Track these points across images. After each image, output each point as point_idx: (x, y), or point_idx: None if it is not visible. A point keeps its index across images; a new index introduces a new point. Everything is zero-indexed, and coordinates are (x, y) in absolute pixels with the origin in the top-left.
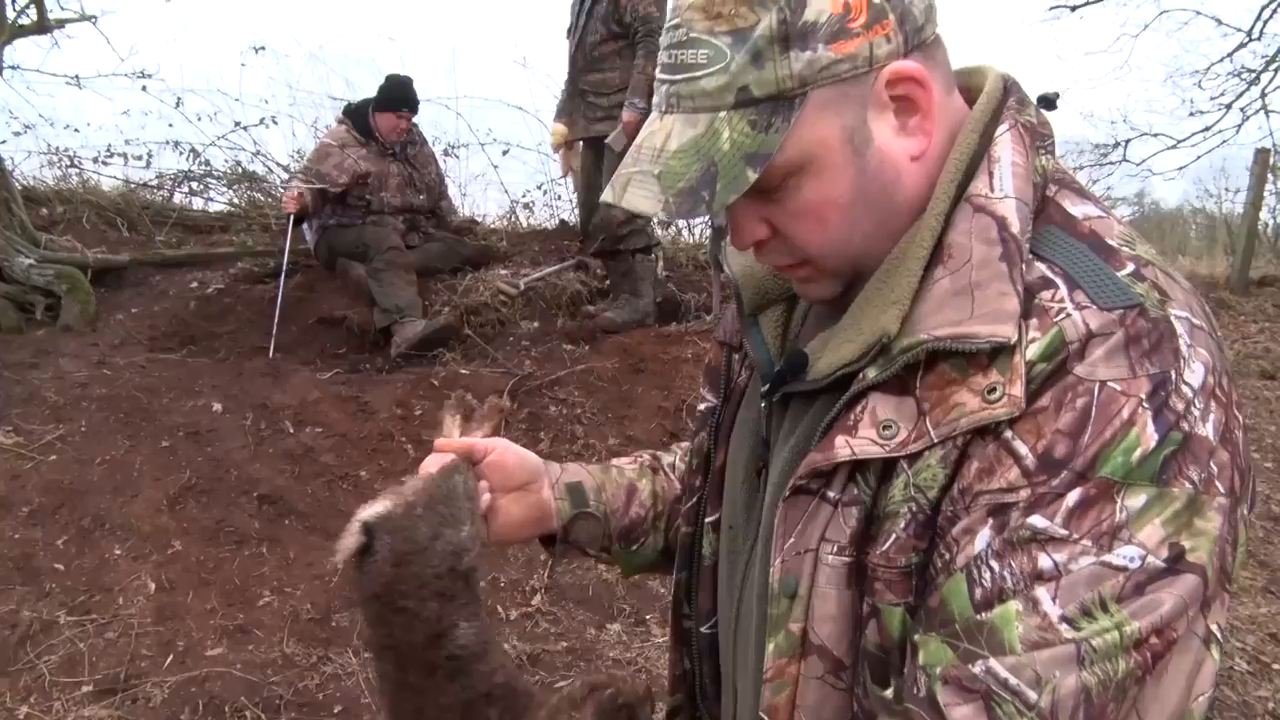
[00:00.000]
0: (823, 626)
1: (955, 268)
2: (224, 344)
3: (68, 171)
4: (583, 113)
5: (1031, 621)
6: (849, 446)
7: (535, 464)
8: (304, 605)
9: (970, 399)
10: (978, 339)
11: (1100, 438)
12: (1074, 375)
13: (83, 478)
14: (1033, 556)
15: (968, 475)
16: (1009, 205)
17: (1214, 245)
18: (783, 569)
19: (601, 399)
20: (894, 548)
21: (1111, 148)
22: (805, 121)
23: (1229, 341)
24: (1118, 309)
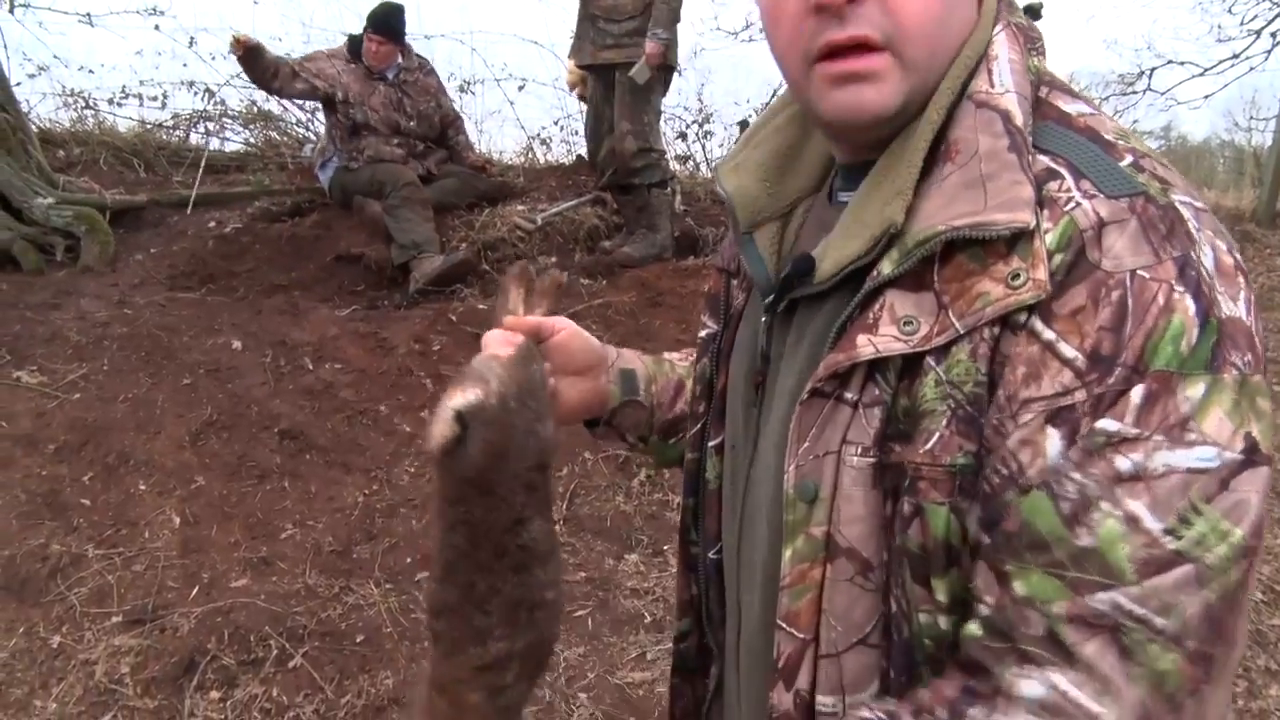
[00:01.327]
0: (850, 528)
1: (963, 162)
2: (242, 282)
3: (83, 113)
4: (591, 39)
5: (1137, 540)
6: (872, 344)
7: (598, 349)
8: (325, 538)
9: (994, 287)
10: (996, 225)
11: (1144, 328)
12: (1102, 270)
13: (106, 415)
14: (1109, 460)
15: (1013, 381)
16: (1011, 99)
17: (1241, 179)
18: (798, 474)
19: (619, 333)
20: (938, 446)
21: (1136, 77)
22: None
23: (1256, 274)
24: (1125, 196)
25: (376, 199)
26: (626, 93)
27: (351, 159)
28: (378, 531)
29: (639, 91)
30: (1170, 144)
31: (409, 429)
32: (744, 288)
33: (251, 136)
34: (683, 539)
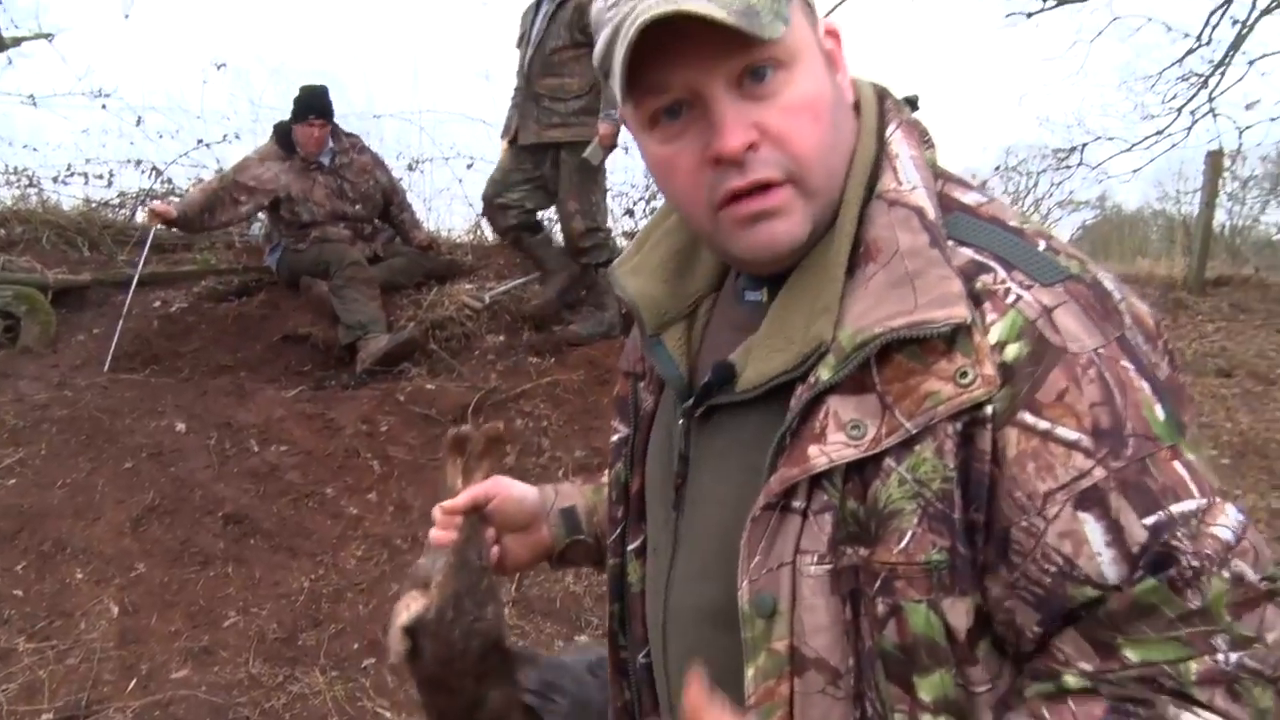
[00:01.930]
0: (816, 638)
1: (885, 261)
2: (187, 363)
3: (26, 191)
4: (536, 117)
5: (1239, 591)
6: (824, 454)
7: (532, 504)
8: (270, 625)
9: (943, 385)
10: (934, 323)
11: (1132, 401)
12: (1070, 352)
13: (43, 501)
14: (1214, 535)
15: (1026, 479)
16: (921, 195)
17: (1173, 247)
18: (753, 589)
19: (567, 411)
20: (912, 544)
21: (1069, 152)
22: (796, 20)
23: (1187, 341)
24: (1057, 282)
25: (323, 279)
26: (574, 172)
27: (298, 241)
28: (324, 617)
29: (587, 171)
30: (1105, 213)
31: (356, 511)
32: (652, 390)
33: None
34: (612, 644)
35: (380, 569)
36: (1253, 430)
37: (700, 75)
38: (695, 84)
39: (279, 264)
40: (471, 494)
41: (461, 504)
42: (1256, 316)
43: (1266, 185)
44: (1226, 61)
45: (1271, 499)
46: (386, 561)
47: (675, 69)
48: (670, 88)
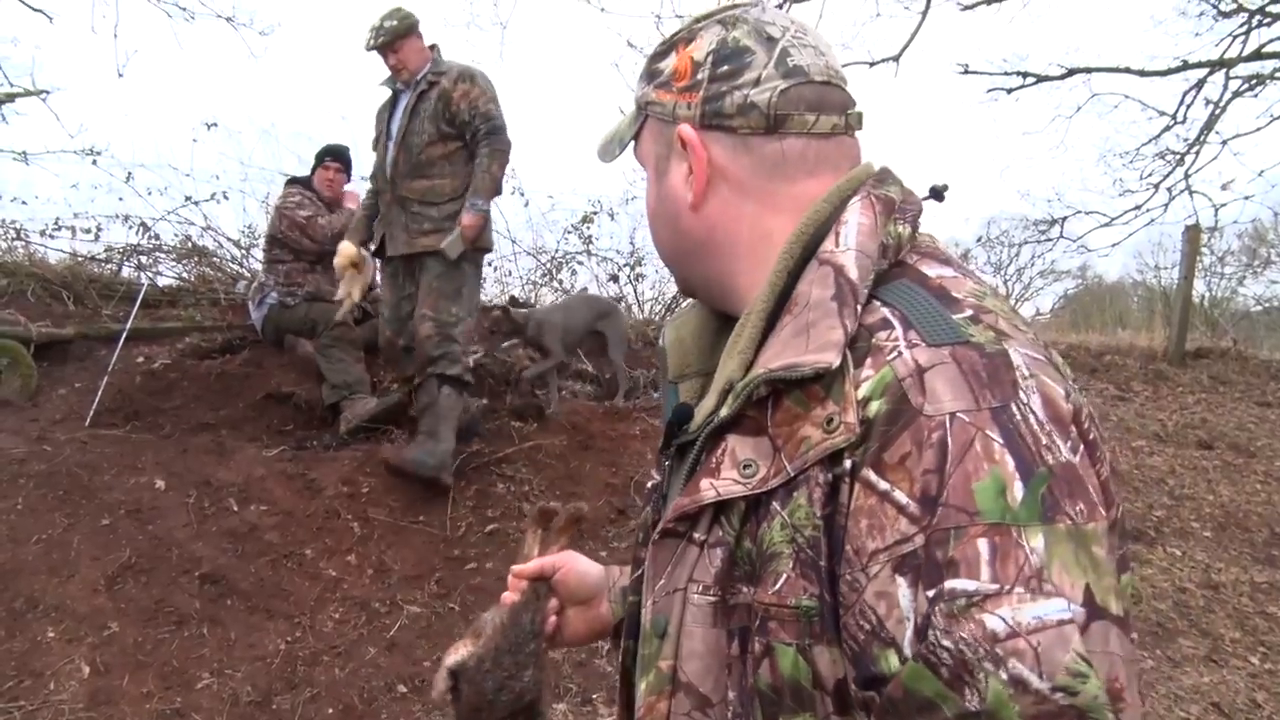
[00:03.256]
0: (689, 663)
1: (798, 313)
2: (169, 419)
3: (13, 244)
4: (405, 225)
5: (1026, 700)
6: (713, 488)
7: (596, 580)
8: (244, 687)
9: (814, 431)
10: (803, 366)
11: (963, 469)
12: (924, 415)
13: (17, 557)
14: (979, 621)
15: (858, 534)
16: (849, 256)
17: (1153, 318)
18: (654, 609)
19: (549, 476)
20: (785, 587)
21: (1050, 224)
22: (644, 136)
23: (1168, 413)
24: (946, 345)
25: (308, 338)
26: (435, 278)
27: (289, 294)
28: (299, 680)
29: (448, 277)
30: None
31: (334, 573)
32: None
33: (185, 271)
34: (624, 680)
35: (358, 632)
36: (1233, 503)
37: None
38: None
39: (265, 321)
40: (540, 563)
41: (530, 570)
42: (1236, 389)
43: (1243, 259)
44: (1201, 140)
45: (1254, 571)
46: (364, 624)
47: None
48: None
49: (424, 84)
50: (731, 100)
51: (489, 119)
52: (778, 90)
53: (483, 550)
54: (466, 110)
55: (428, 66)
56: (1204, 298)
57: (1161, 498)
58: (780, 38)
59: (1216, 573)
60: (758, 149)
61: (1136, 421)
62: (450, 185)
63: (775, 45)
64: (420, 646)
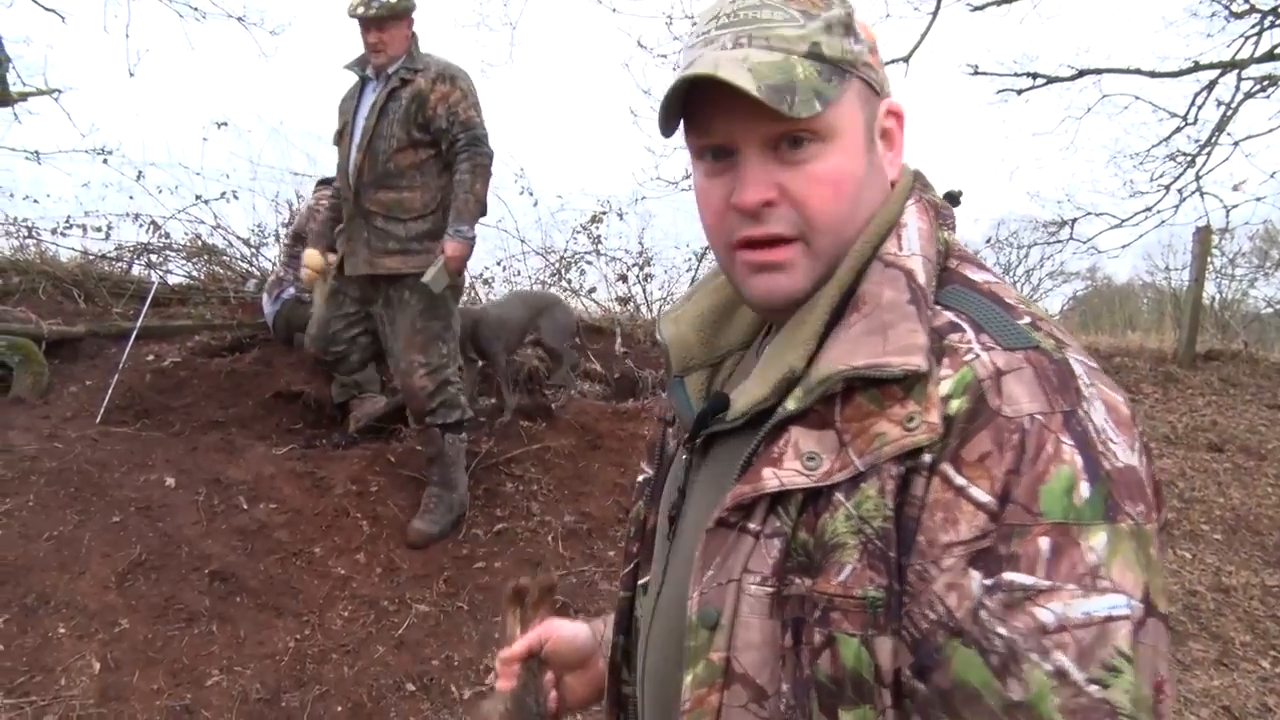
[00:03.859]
0: (745, 655)
1: (868, 312)
2: (179, 417)
3: (25, 242)
4: (367, 241)
5: (1065, 692)
6: (776, 478)
7: (585, 641)
8: (253, 685)
9: (891, 428)
10: (891, 367)
11: (1035, 471)
12: (1003, 415)
13: (28, 554)
14: (1030, 613)
15: (932, 526)
16: (916, 261)
17: (1163, 320)
18: (701, 600)
19: (558, 476)
20: (851, 578)
21: (1059, 226)
22: (846, 98)
23: (1178, 415)
24: (1020, 349)
25: None
26: (418, 318)
27: (307, 290)
28: (308, 678)
29: (433, 314)
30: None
31: (343, 571)
32: (678, 435)
33: (195, 270)
34: (613, 676)
35: (367, 630)
36: (1244, 505)
37: (738, 131)
38: (732, 137)
39: (276, 316)
40: (526, 641)
41: (519, 652)
42: (1246, 391)
43: (1254, 261)
44: (1212, 142)
45: (1265, 575)
46: (373, 623)
47: (719, 118)
48: (712, 133)
49: (396, 79)
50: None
51: (470, 127)
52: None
53: (491, 550)
54: (445, 115)
55: (403, 59)
56: (1215, 300)
57: (1171, 500)
58: None
59: (1227, 576)
60: None
61: (1146, 424)
62: (420, 199)
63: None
64: (429, 645)
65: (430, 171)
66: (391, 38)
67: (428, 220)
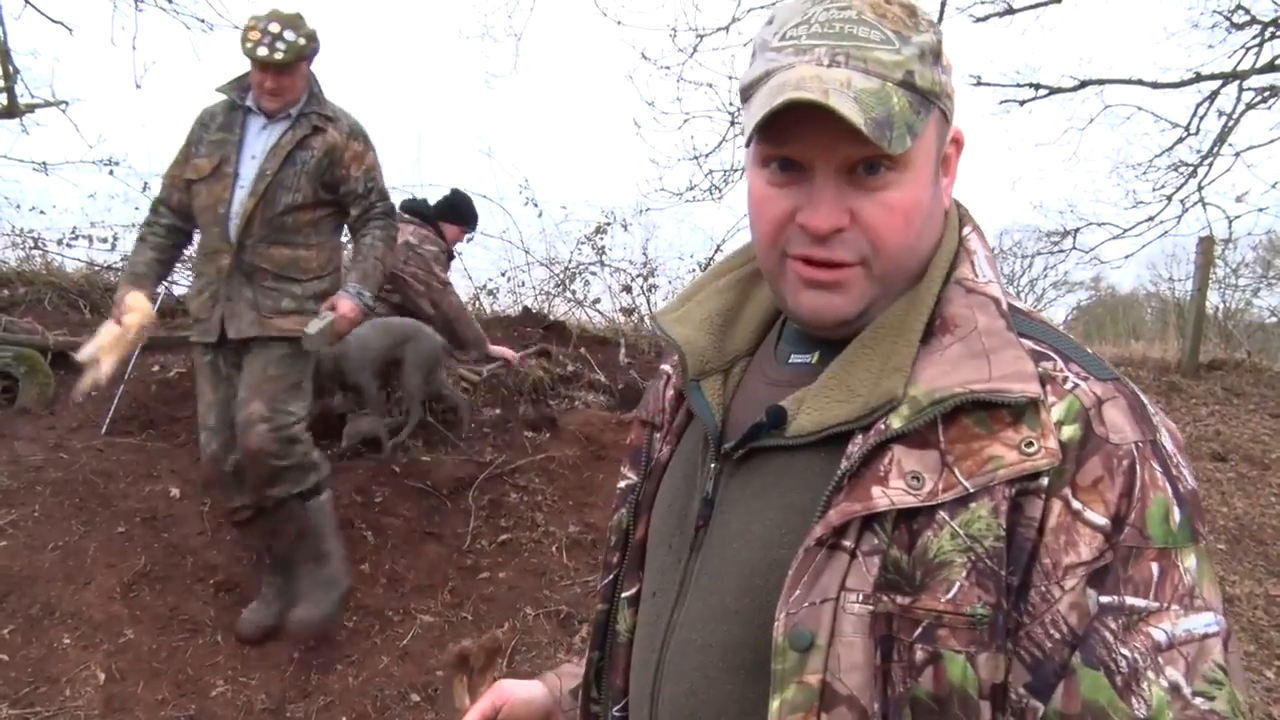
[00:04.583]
0: (850, 676)
1: (963, 335)
2: (183, 428)
3: (31, 253)
4: (254, 301)
5: (1178, 705)
6: (886, 496)
7: (541, 700)
8: (258, 695)
9: (1006, 452)
10: (1012, 393)
11: (1143, 496)
12: (1110, 443)
13: (33, 564)
14: (1146, 633)
15: (1055, 549)
16: (996, 289)
17: (1167, 329)
18: (789, 621)
19: (562, 486)
20: (959, 595)
21: (1062, 236)
22: (926, 132)
23: (1182, 424)
24: (1108, 380)
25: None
26: (273, 366)
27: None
28: (313, 689)
29: (291, 366)
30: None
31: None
32: (668, 440)
33: None
34: (585, 694)
35: (371, 641)
36: (1248, 515)
37: (819, 152)
38: (811, 156)
39: None
40: (479, 709)
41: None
42: (1250, 401)
43: (1258, 271)
44: (1214, 152)
45: (1269, 585)
46: (378, 633)
47: (799, 135)
48: (789, 145)
49: (307, 125)
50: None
51: (385, 196)
52: None
53: (495, 560)
54: (361, 179)
55: (303, 101)
56: (1218, 309)
57: None
58: None
59: (1231, 586)
60: None
61: None
62: (318, 260)
63: None
64: (433, 655)
65: (325, 229)
66: (293, 83)
67: (325, 280)
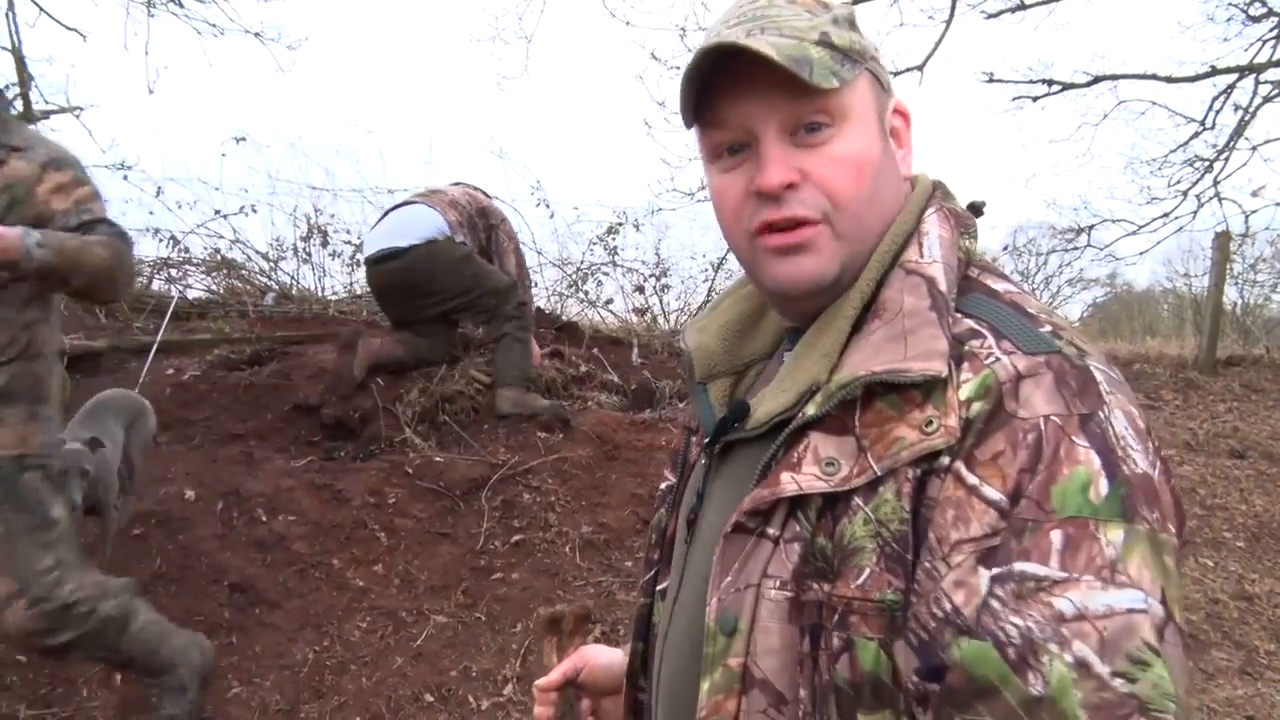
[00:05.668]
0: (766, 660)
1: (889, 319)
2: (198, 430)
3: None
4: None
5: (1088, 685)
6: (795, 482)
7: (619, 667)
8: (273, 696)
9: (909, 432)
10: (911, 372)
11: (1049, 470)
12: (1018, 418)
13: None
14: (1047, 602)
15: (943, 524)
16: (937, 268)
17: (1183, 325)
18: (719, 606)
19: (575, 486)
20: (869, 581)
21: (1077, 233)
22: (859, 84)
23: (1198, 422)
24: (1041, 354)
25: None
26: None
27: None
28: (327, 690)
29: (14, 505)
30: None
31: (362, 583)
32: (699, 443)
33: (214, 284)
34: (630, 684)
35: (385, 642)
36: (1267, 512)
37: (756, 117)
38: (751, 124)
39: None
40: (562, 669)
41: (555, 680)
42: (1269, 397)
43: (1276, 266)
44: (1231, 147)
45: None
46: (391, 634)
47: (735, 108)
48: (728, 124)
49: None
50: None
51: (117, 227)
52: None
53: (509, 561)
54: (73, 214)
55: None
56: (1235, 305)
57: (1193, 507)
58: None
59: (1250, 584)
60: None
61: (1166, 430)
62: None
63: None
64: (447, 656)
65: (12, 301)
66: None
67: (3, 372)
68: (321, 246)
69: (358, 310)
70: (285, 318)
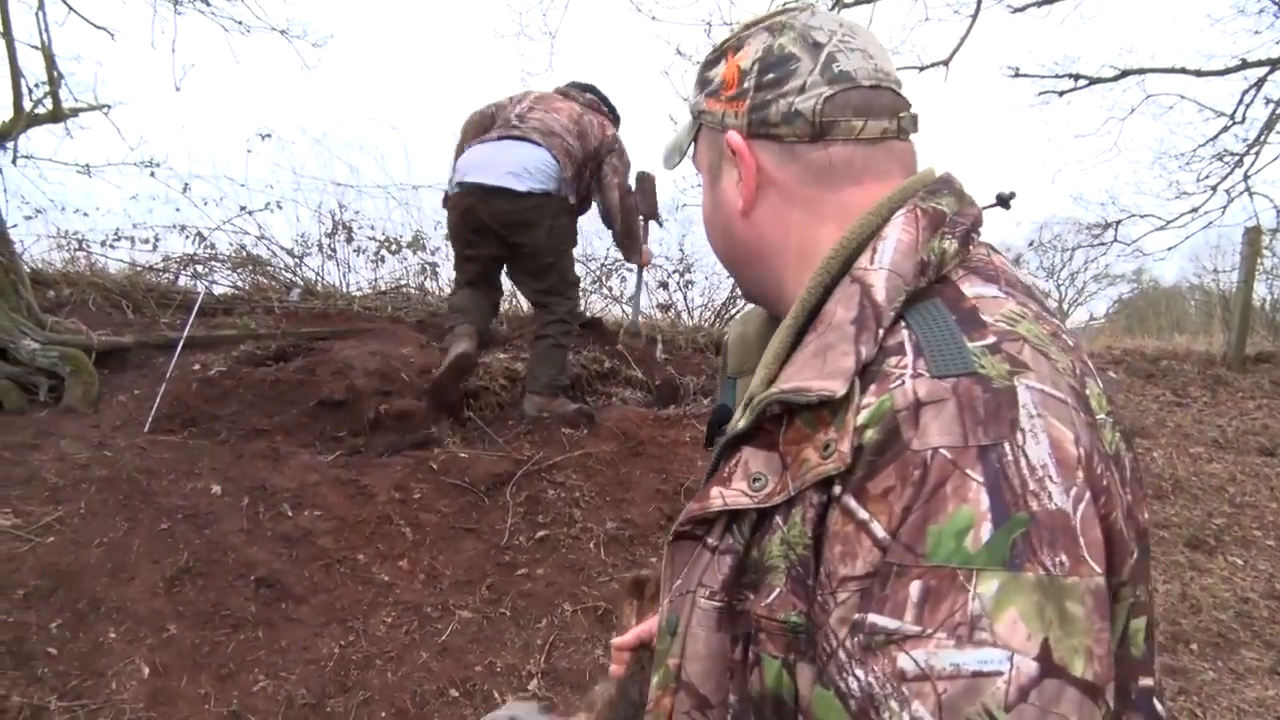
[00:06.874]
0: (691, 664)
1: (822, 331)
2: (224, 426)
3: (75, 254)
4: None
5: None
6: (722, 498)
7: None
8: (299, 690)
9: (813, 454)
10: (810, 392)
11: (927, 509)
12: (910, 449)
13: (80, 560)
14: (892, 658)
15: (831, 558)
16: (879, 275)
17: (1212, 322)
18: (669, 608)
19: (600, 482)
20: (776, 601)
21: (1103, 228)
22: (700, 144)
23: (1228, 419)
24: (950, 377)
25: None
26: None
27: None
28: (352, 684)
29: None
30: (1143, 287)
31: (387, 578)
32: None
33: (240, 280)
34: None
35: (410, 637)
36: None
37: None
38: None
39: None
40: (638, 632)
41: (629, 641)
42: None
43: None
44: (1261, 140)
45: None
46: (416, 629)
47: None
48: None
49: None
50: (777, 109)
51: None
52: (823, 97)
53: (533, 556)
54: None
55: None
56: (1265, 301)
57: (1222, 505)
58: (826, 43)
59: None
60: (804, 156)
61: (1195, 427)
62: None
63: (821, 51)
64: (472, 651)
65: None
66: None
67: None
68: (346, 242)
69: (382, 306)
70: (310, 313)
